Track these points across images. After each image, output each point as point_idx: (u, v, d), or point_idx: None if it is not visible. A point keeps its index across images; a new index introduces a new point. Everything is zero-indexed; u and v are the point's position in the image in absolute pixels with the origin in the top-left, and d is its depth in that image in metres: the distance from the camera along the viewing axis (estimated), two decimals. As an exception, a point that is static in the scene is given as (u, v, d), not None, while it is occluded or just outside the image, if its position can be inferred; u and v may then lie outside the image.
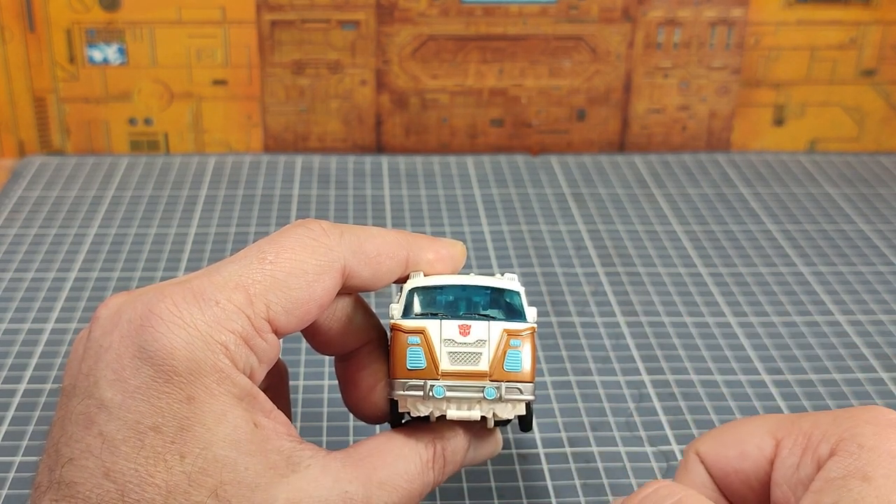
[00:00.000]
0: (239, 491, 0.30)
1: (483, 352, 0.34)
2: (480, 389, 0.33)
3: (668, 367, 0.51)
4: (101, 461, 0.29)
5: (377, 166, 0.74)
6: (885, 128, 0.79)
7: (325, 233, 0.33)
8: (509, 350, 0.34)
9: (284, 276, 0.32)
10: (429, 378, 0.33)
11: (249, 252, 0.33)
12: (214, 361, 0.30)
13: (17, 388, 0.48)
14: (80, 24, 0.72)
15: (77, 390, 0.30)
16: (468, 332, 0.34)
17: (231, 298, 0.31)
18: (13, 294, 0.56)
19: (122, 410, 0.29)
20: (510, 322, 0.34)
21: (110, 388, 0.30)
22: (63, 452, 0.30)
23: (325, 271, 0.33)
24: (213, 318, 0.30)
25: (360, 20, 0.73)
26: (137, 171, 0.72)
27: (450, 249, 0.37)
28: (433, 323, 0.34)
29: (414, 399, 0.34)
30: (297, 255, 0.33)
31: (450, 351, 0.33)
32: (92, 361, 0.30)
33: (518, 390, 0.34)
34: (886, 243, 0.64)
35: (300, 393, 0.48)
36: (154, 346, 0.30)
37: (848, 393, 0.49)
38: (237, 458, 0.30)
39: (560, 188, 0.71)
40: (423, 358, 0.33)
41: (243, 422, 0.30)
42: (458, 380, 0.33)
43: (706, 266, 0.61)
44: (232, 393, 0.30)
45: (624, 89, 0.76)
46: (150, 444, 0.29)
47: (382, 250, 0.35)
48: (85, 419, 0.30)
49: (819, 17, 0.75)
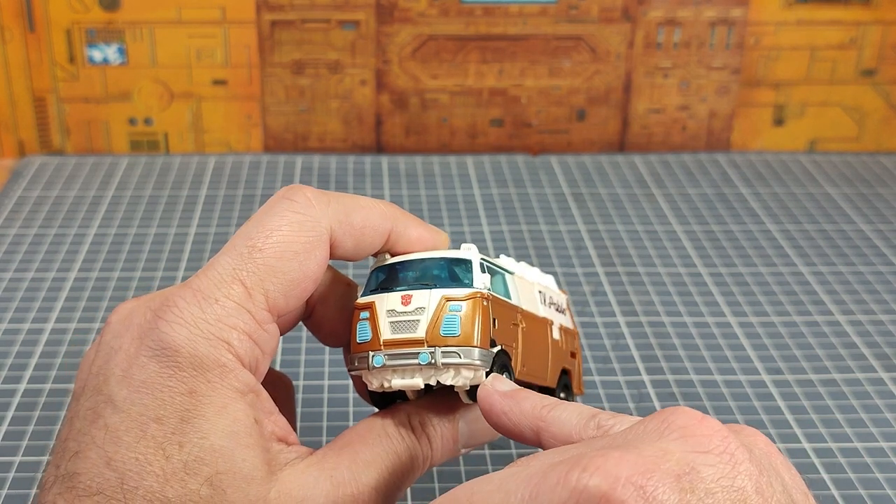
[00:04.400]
0: (234, 481, 0.30)
1: (421, 318, 0.33)
2: (415, 355, 0.33)
3: (668, 367, 0.51)
4: (103, 451, 0.29)
5: (377, 166, 0.74)
6: (885, 128, 0.79)
7: (311, 203, 0.33)
8: (446, 315, 0.33)
9: (276, 261, 0.32)
10: (372, 350, 0.33)
11: (238, 240, 0.33)
12: (217, 357, 0.31)
13: (17, 388, 0.48)
14: (80, 24, 0.72)
15: (86, 390, 0.31)
16: (409, 301, 0.33)
17: (230, 294, 0.31)
18: (13, 294, 0.56)
19: (128, 404, 0.30)
20: (451, 289, 0.33)
21: (118, 385, 0.30)
22: (69, 447, 0.30)
23: (314, 247, 0.33)
24: (215, 316, 0.31)
25: (360, 20, 0.73)
26: (137, 171, 0.72)
27: (433, 235, 0.37)
28: (381, 296, 0.34)
29: (364, 373, 0.34)
30: (286, 235, 0.33)
31: (391, 321, 0.33)
32: (102, 362, 0.31)
33: (456, 354, 0.33)
34: (886, 243, 0.64)
35: (300, 393, 0.48)
36: (159, 344, 0.30)
37: (848, 393, 0.49)
38: (234, 449, 0.30)
39: (560, 188, 0.71)
40: (368, 331, 0.33)
41: (243, 415, 0.31)
42: (396, 348, 0.33)
43: (706, 266, 0.61)
44: (234, 387, 0.31)
45: (624, 89, 0.76)
46: (151, 434, 0.30)
47: (368, 222, 0.35)
48: (92, 414, 0.30)
49: (819, 17, 0.75)
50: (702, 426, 0.28)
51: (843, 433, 0.46)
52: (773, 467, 0.28)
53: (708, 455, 0.27)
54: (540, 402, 0.32)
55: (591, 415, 0.31)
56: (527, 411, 0.32)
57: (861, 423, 0.47)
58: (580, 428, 0.30)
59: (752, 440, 0.29)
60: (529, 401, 0.32)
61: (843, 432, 0.46)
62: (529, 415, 0.32)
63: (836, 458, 0.45)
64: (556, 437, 0.31)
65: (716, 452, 0.27)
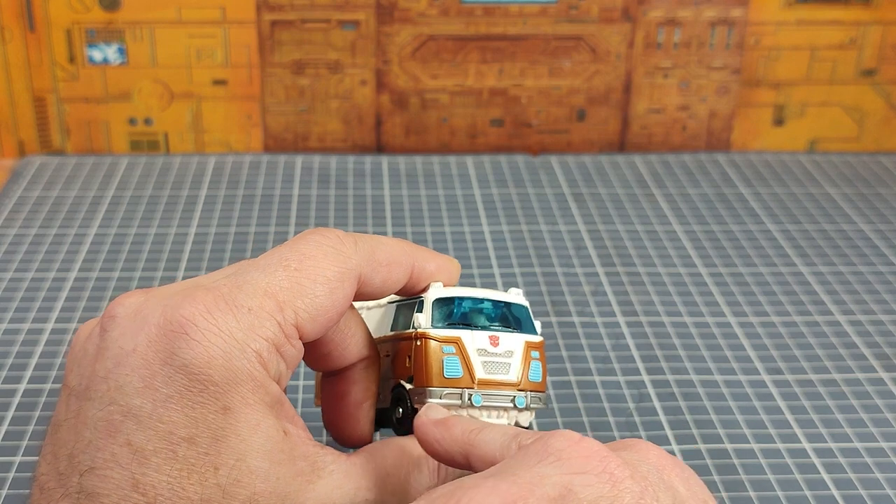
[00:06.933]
0: (271, 501, 0.30)
1: (511, 362, 0.35)
2: (511, 399, 0.35)
3: (668, 367, 0.51)
4: (129, 472, 0.28)
5: (377, 166, 0.74)
6: (885, 128, 0.79)
7: (342, 241, 0.34)
8: (532, 361, 0.36)
9: (309, 283, 0.32)
10: (465, 387, 0.34)
11: (271, 259, 0.33)
12: (250, 370, 0.30)
13: (17, 388, 0.48)
14: (80, 24, 0.72)
15: (94, 393, 0.30)
16: (498, 342, 0.35)
17: (262, 305, 0.31)
18: (13, 294, 0.56)
19: (153, 420, 0.29)
20: (528, 335, 0.36)
21: (139, 396, 0.29)
22: (81, 460, 0.29)
23: (345, 278, 0.33)
24: (248, 325, 0.30)
25: (360, 20, 0.73)
26: (137, 171, 0.72)
27: (448, 264, 0.37)
28: (466, 333, 0.35)
29: (450, 407, 0.34)
30: (319, 262, 0.33)
31: (483, 361, 0.35)
32: (112, 364, 0.30)
33: (538, 399, 0.36)
34: (886, 243, 0.64)
35: (300, 393, 0.48)
36: (189, 354, 0.29)
37: (848, 393, 0.49)
38: (269, 468, 0.30)
39: (560, 188, 0.71)
40: (459, 367, 0.34)
41: (275, 431, 0.30)
42: (492, 388, 0.35)
43: (706, 266, 0.61)
44: (265, 402, 0.30)
45: (624, 89, 0.76)
46: (184, 456, 0.28)
47: (392, 258, 0.35)
48: (107, 426, 0.29)
49: (819, 17, 0.75)
50: (579, 447, 0.28)
51: (843, 433, 0.46)
52: (664, 481, 0.28)
53: (586, 475, 0.27)
54: (469, 427, 0.32)
55: (513, 435, 0.31)
56: (457, 437, 0.32)
57: (861, 423, 0.47)
58: (503, 448, 0.30)
59: (642, 455, 0.29)
60: (459, 426, 0.32)
61: (843, 432, 0.46)
62: (459, 440, 0.32)
63: (836, 458, 0.45)
64: (483, 458, 0.31)
65: (594, 472, 0.27)
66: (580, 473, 0.27)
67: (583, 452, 0.28)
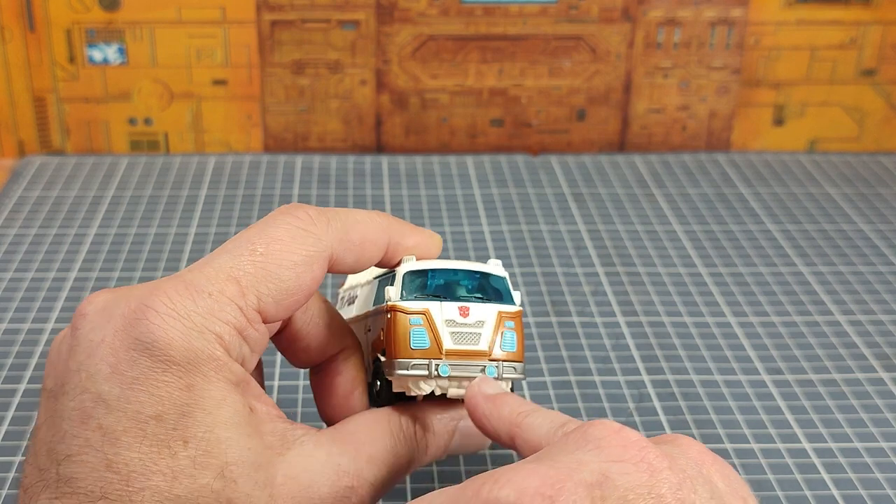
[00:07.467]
0: (243, 470, 0.30)
1: (482, 332, 0.35)
2: (482, 368, 0.35)
3: (668, 367, 0.51)
4: (102, 454, 0.29)
5: (377, 166, 0.74)
6: (885, 128, 0.79)
7: (313, 221, 0.34)
8: (504, 331, 0.35)
9: (275, 268, 0.32)
10: (433, 357, 0.34)
11: (238, 242, 0.33)
12: (210, 351, 0.30)
13: (17, 388, 0.48)
14: (80, 24, 0.72)
15: (67, 387, 0.30)
16: (468, 313, 0.35)
17: (223, 290, 0.31)
18: (13, 294, 0.56)
19: (122, 402, 0.29)
20: (503, 305, 0.36)
21: (107, 382, 0.30)
22: (58, 450, 0.29)
23: (314, 261, 0.33)
24: (207, 309, 0.31)
25: (360, 20, 0.73)
26: (137, 171, 0.72)
27: (428, 240, 0.37)
28: (434, 304, 0.35)
29: (416, 378, 0.34)
30: (287, 245, 0.33)
31: (451, 331, 0.34)
32: (83, 356, 0.30)
33: (513, 369, 0.35)
34: (886, 243, 0.64)
35: (300, 393, 0.48)
36: (150, 337, 0.30)
37: (848, 393, 0.49)
38: (239, 439, 0.30)
39: (560, 188, 0.71)
40: (426, 338, 0.34)
41: (241, 406, 0.31)
42: (460, 359, 0.34)
43: (706, 266, 0.61)
44: (228, 379, 0.31)
45: (624, 89, 0.76)
46: (153, 433, 0.29)
47: (366, 237, 0.35)
48: (80, 414, 0.30)
49: (819, 17, 0.75)
50: (618, 436, 0.28)
51: (843, 433, 0.46)
52: (703, 475, 0.28)
53: (623, 464, 0.27)
54: (517, 408, 0.32)
55: (561, 423, 0.31)
56: (504, 417, 0.32)
57: (861, 423, 0.47)
58: (550, 435, 0.31)
59: (682, 449, 0.29)
60: (508, 406, 0.33)
61: (843, 432, 0.46)
62: (507, 420, 0.32)
63: (836, 458, 0.45)
64: (529, 442, 0.31)
65: (632, 462, 0.27)
66: (618, 462, 0.27)
67: (622, 441, 0.28)
